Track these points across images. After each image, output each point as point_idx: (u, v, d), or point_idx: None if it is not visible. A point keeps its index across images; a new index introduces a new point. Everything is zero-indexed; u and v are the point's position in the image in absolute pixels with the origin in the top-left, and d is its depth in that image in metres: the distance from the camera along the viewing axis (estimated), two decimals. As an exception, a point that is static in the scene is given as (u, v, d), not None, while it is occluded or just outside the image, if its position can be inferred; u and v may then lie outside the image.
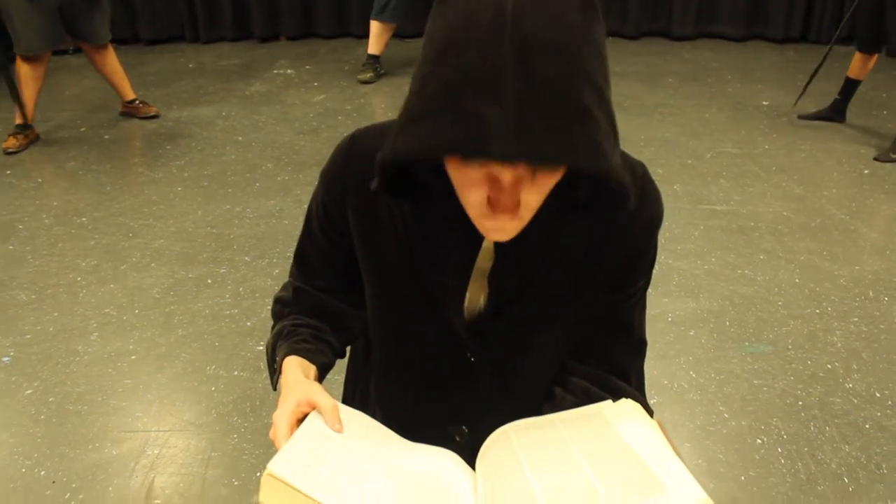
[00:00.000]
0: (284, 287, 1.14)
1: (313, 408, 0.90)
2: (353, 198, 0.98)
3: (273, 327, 1.11)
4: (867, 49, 4.10)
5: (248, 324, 2.64)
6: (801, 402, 2.29)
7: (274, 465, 0.79)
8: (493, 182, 0.77)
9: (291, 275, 1.13)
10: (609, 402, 0.96)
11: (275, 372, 1.04)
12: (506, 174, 0.75)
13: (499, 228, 0.81)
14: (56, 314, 2.72)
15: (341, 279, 1.07)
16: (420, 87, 0.74)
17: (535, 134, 0.68)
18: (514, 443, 0.92)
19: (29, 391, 2.35)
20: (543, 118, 0.68)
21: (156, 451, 2.11)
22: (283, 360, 1.01)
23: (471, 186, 0.78)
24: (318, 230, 1.05)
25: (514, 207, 0.78)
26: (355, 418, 0.94)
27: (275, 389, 1.04)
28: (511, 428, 0.96)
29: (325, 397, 0.90)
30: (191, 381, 2.39)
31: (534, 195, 0.79)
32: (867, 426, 2.20)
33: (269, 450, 2.07)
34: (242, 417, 2.23)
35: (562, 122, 0.69)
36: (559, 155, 0.69)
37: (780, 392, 2.33)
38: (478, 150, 0.69)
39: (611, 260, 0.99)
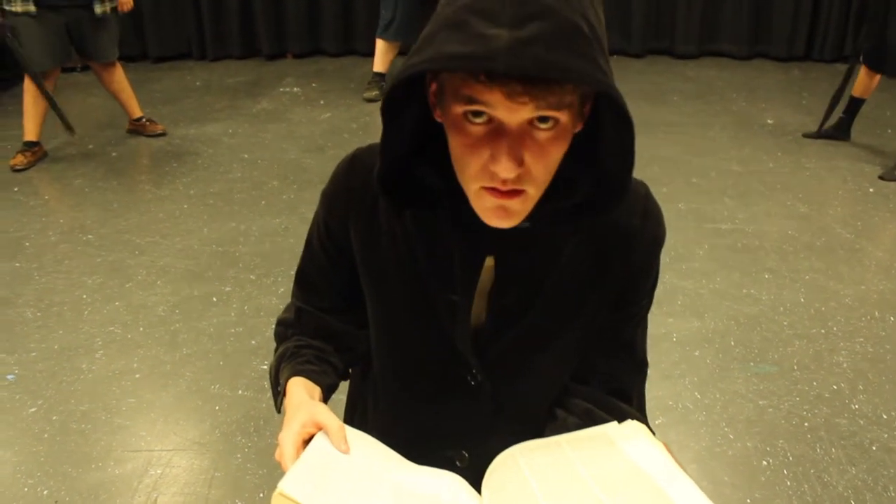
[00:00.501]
0: (287, 309, 1.14)
1: (319, 428, 0.90)
2: (356, 216, 0.99)
3: (276, 349, 1.11)
4: (873, 66, 4.11)
5: (253, 342, 2.64)
6: (807, 424, 2.28)
7: (285, 485, 0.79)
8: (498, 136, 0.77)
9: (294, 296, 1.13)
10: (614, 423, 0.96)
11: (279, 394, 1.04)
12: (512, 116, 0.76)
13: (500, 207, 0.81)
14: (61, 332, 2.73)
15: (344, 299, 1.07)
16: (432, 21, 0.77)
17: (536, 50, 0.70)
18: (521, 465, 0.92)
19: (33, 409, 2.35)
20: (543, 38, 0.71)
21: (159, 471, 2.10)
22: (286, 381, 1.01)
23: (473, 148, 0.79)
24: (320, 250, 1.05)
25: (518, 164, 0.78)
26: (361, 439, 0.94)
27: (279, 412, 1.04)
28: (518, 450, 0.96)
29: (332, 418, 0.91)
30: (195, 400, 2.39)
31: (538, 165, 0.79)
32: (874, 448, 2.18)
33: (273, 470, 2.07)
34: (246, 437, 2.22)
35: (560, 41, 0.71)
36: (560, 69, 0.71)
37: (786, 413, 2.32)
38: (482, 64, 0.71)
39: (613, 279, 0.99)
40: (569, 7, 0.73)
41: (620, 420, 0.96)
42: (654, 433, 0.95)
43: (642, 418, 1.05)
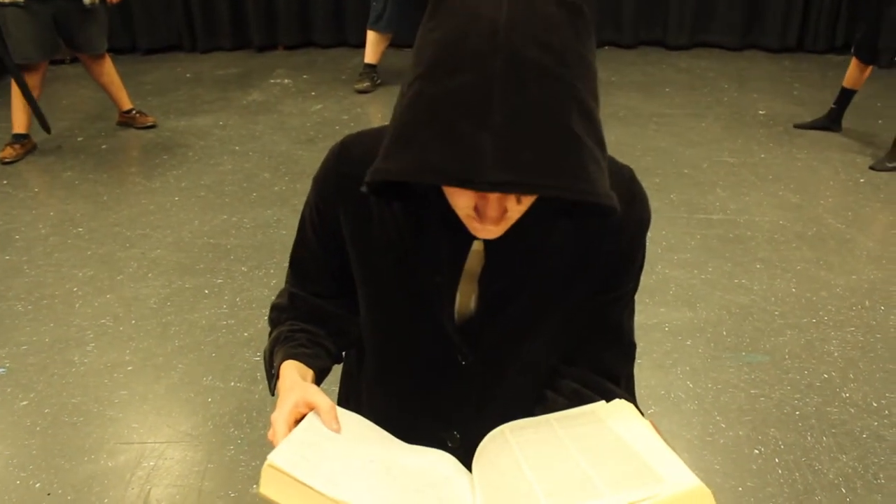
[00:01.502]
0: (280, 294, 1.15)
1: (311, 408, 0.91)
2: (345, 202, 1.00)
3: (270, 334, 1.12)
4: (864, 59, 4.12)
5: (245, 334, 2.64)
6: (798, 412, 2.29)
7: (274, 457, 0.80)
8: (480, 196, 0.81)
9: (287, 281, 1.14)
10: (602, 402, 0.98)
11: (272, 377, 1.05)
12: (492, 195, 0.79)
13: (485, 230, 0.85)
14: (52, 325, 2.72)
15: (336, 283, 1.08)
16: (410, 103, 0.75)
17: (523, 163, 0.69)
18: (510, 441, 0.94)
19: (24, 402, 2.34)
20: (531, 147, 0.70)
21: (152, 463, 2.10)
22: (280, 365, 1.02)
23: (459, 195, 0.82)
24: (312, 235, 1.06)
25: (500, 217, 0.82)
26: (352, 420, 0.95)
27: (273, 394, 1.05)
28: (507, 427, 0.98)
29: (323, 398, 0.92)
30: (187, 392, 2.38)
31: (519, 207, 0.83)
32: (864, 436, 2.20)
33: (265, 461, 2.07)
34: (239, 429, 2.22)
35: (550, 151, 0.70)
36: (547, 185, 0.70)
37: (777, 402, 2.33)
38: (466, 179, 0.70)
39: (600, 262, 1.00)
40: (563, 98, 0.71)
41: (608, 400, 0.98)
42: (641, 413, 0.97)
43: (630, 398, 1.05)
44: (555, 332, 1.06)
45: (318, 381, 1.06)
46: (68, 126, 4.59)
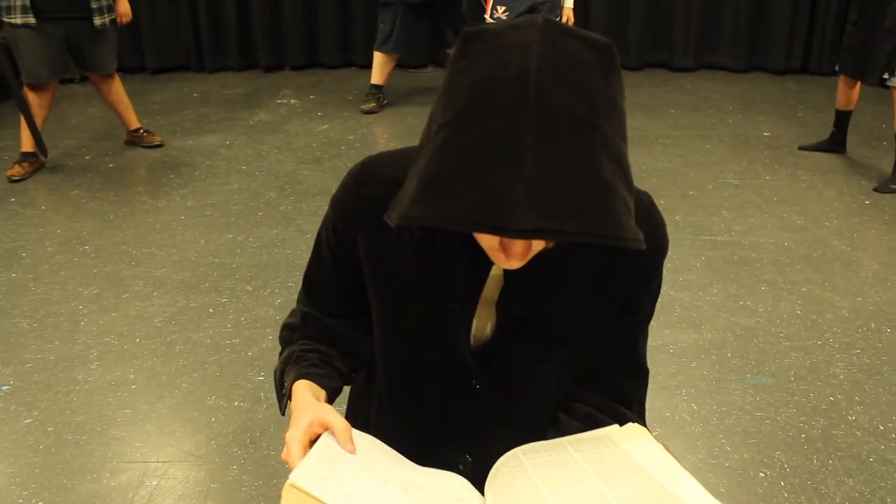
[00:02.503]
0: (292, 313, 1.14)
1: (325, 428, 0.91)
2: (364, 224, 1.00)
3: (281, 353, 1.12)
4: (853, 74, 4.15)
5: (250, 354, 2.64)
6: (803, 435, 2.27)
7: (296, 477, 0.81)
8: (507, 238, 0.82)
9: (299, 300, 1.14)
10: (615, 426, 0.98)
11: (283, 397, 1.05)
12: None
13: (509, 263, 0.85)
14: (57, 342, 2.72)
15: (349, 304, 1.09)
16: (440, 149, 0.75)
17: (553, 211, 0.71)
18: (525, 464, 0.93)
19: (28, 420, 2.34)
20: (562, 195, 0.71)
21: (154, 483, 2.09)
22: (291, 384, 1.02)
23: (481, 236, 0.84)
24: (328, 255, 1.06)
25: (525, 253, 0.83)
26: (366, 440, 0.96)
27: (283, 414, 1.04)
28: (521, 451, 0.97)
29: (338, 418, 0.91)
30: (191, 412, 2.38)
31: (544, 245, 0.86)
32: (871, 459, 2.18)
33: (269, 481, 2.07)
34: (242, 449, 2.22)
35: (580, 199, 0.71)
36: (577, 231, 0.71)
37: (783, 425, 2.32)
38: (499, 227, 0.71)
39: (617, 287, 1.01)
40: (594, 144, 0.72)
41: (622, 424, 0.98)
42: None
43: (642, 423, 1.05)
44: (570, 357, 1.06)
45: (330, 401, 1.05)
46: (76, 144, 4.62)
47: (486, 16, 3.92)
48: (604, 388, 1.08)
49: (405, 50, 5.21)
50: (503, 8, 3.85)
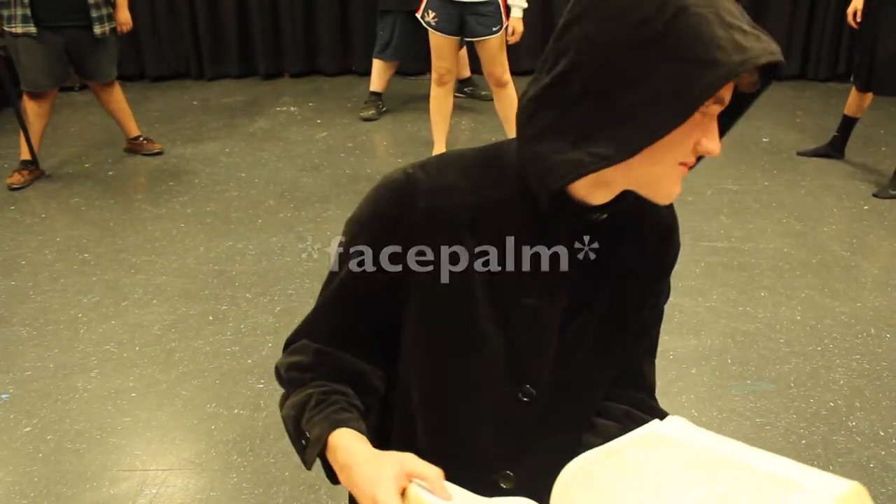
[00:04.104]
0: (298, 350, 1.03)
1: (410, 479, 0.83)
2: (422, 236, 0.94)
3: (289, 396, 1.01)
4: (862, 87, 4.15)
5: (249, 361, 2.64)
6: (804, 441, 2.27)
7: None
8: (708, 121, 0.85)
9: (305, 336, 1.03)
10: (656, 421, 0.95)
11: (306, 447, 0.94)
12: (714, 126, 0.86)
13: (712, 148, 0.89)
14: (56, 350, 2.72)
15: (371, 336, 1.02)
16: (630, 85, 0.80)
17: (766, 43, 0.80)
18: (599, 474, 0.88)
19: (28, 428, 2.34)
20: (760, 32, 0.82)
21: (154, 491, 2.09)
22: (325, 434, 0.91)
23: (688, 133, 0.84)
24: (357, 281, 0.98)
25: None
26: (448, 486, 0.88)
27: (309, 467, 0.95)
28: (584, 461, 0.91)
29: (426, 465, 0.84)
30: (190, 419, 2.38)
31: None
32: (871, 465, 2.18)
33: (269, 489, 2.06)
34: (242, 456, 2.21)
35: (768, 36, 0.82)
36: (778, 52, 0.81)
37: (783, 430, 2.32)
38: (743, 62, 0.78)
39: (656, 273, 1.04)
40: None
41: (660, 417, 0.97)
42: None
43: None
44: (615, 354, 1.06)
45: None
46: (76, 153, 4.63)
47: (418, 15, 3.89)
48: (631, 376, 1.10)
49: (404, 57, 5.22)
50: (433, 13, 3.83)
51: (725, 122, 0.93)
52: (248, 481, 2.12)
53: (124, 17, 4.25)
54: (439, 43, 3.90)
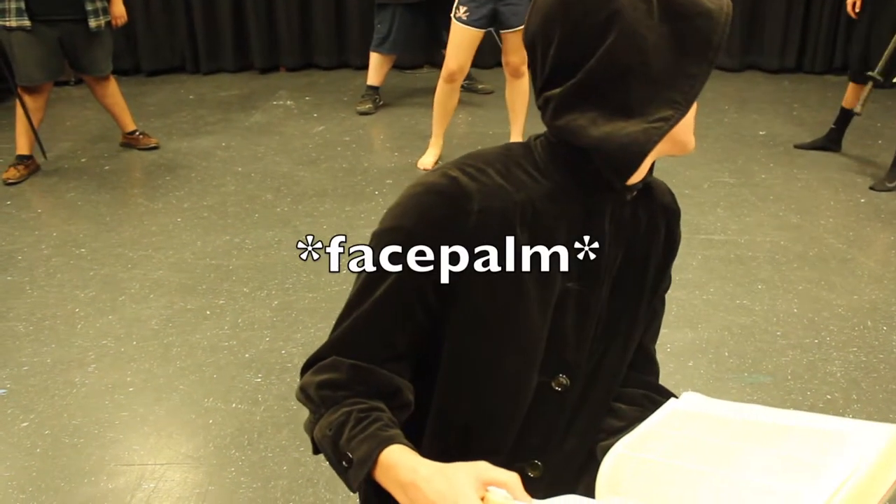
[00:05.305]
0: (328, 367, 0.98)
1: (487, 486, 0.81)
2: (479, 238, 0.94)
3: (322, 415, 0.96)
4: (858, 79, 4.15)
5: (247, 356, 2.63)
6: (801, 434, 2.28)
7: None
8: None
9: (337, 352, 0.99)
10: (673, 399, 1.03)
11: (347, 469, 0.91)
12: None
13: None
14: (53, 345, 2.71)
15: (409, 349, 0.99)
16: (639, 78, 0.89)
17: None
18: (646, 459, 0.88)
19: (25, 423, 2.34)
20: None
21: (152, 485, 2.09)
22: (376, 454, 0.88)
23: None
24: (400, 294, 0.96)
25: None
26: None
27: (354, 491, 0.92)
28: (622, 450, 0.92)
29: (502, 472, 0.82)
30: (188, 414, 2.38)
31: None
32: (868, 457, 2.18)
33: (267, 483, 2.07)
34: (240, 451, 2.21)
35: None
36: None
37: (781, 423, 2.32)
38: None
39: (665, 256, 1.09)
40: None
41: (674, 396, 1.04)
42: None
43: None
44: (633, 334, 1.10)
45: None
46: (71, 147, 4.61)
47: (451, 15, 3.90)
48: (643, 364, 1.15)
49: (402, 51, 5.21)
50: (464, 8, 3.84)
51: None
52: (245, 475, 2.12)
53: (119, 10, 4.23)
54: (464, 36, 3.89)
